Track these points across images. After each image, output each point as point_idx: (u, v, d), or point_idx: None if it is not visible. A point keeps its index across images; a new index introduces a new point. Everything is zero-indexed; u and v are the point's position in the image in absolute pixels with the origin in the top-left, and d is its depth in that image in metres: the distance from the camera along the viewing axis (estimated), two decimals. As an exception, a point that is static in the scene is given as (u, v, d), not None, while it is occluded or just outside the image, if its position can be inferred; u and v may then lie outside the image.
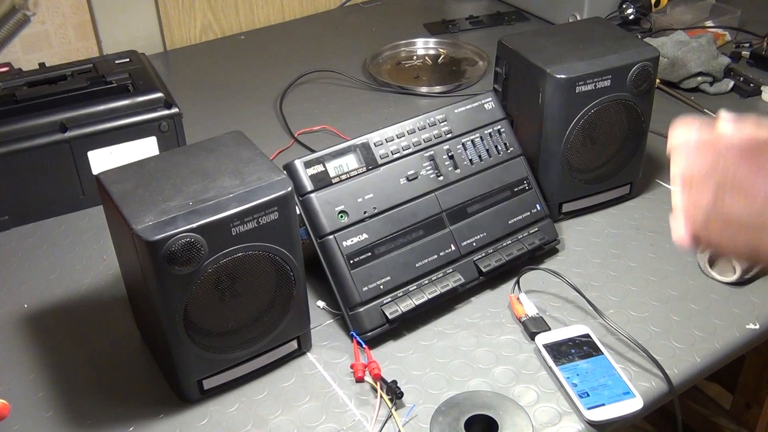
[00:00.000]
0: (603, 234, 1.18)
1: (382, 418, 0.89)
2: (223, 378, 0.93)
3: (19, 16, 0.92)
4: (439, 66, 1.70)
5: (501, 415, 0.88)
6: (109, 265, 1.14)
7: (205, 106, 1.54)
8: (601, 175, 1.19)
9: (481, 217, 1.08)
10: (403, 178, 1.04)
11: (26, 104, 1.21)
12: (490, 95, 1.14)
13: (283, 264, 0.89)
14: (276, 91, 1.58)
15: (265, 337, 0.93)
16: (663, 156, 1.34)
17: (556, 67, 1.10)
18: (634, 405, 0.89)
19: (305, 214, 0.99)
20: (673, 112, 1.47)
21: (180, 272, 0.81)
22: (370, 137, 1.04)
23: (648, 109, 1.18)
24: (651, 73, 1.14)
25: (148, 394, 0.94)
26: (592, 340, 0.97)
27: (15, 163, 1.18)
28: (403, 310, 0.99)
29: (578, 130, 1.13)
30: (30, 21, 0.93)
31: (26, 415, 0.91)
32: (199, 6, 1.79)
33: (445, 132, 1.08)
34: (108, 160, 1.23)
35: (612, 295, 1.06)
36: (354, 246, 0.99)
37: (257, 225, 0.85)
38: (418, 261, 1.02)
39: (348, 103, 1.54)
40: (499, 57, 1.21)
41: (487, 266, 1.05)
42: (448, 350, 0.98)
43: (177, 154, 0.93)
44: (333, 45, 1.80)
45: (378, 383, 0.92)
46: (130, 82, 1.28)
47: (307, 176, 0.98)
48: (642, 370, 0.94)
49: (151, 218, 0.81)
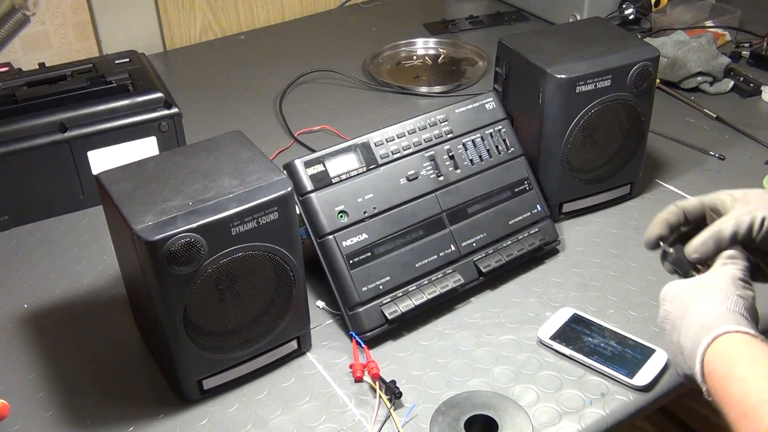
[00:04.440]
0: (603, 234, 1.18)
1: (382, 418, 0.89)
2: (223, 378, 0.93)
3: (18, 16, 0.92)
4: (439, 66, 1.70)
5: (501, 415, 0.88)
6: (109, 265, 1.14)
7: (205, 106, 1.54)
8: (602, 175, 1.19)
9: (482, 217, 1.08)
10: (404, 178, 1.04)
11: (26, 104, 1.21)
12: (491, 95, 1.14)
13: (283, 264, 0.89)
14: (276, 91, 1.58)
15: (265, 337, 0.92)
16: (663, 156, 1.34)
17: (557, 67, 1.10)
18: (663, 357, 0.92)
19: (305, 214, 0.99)
20: (674, 112, 1.47)
21: (180, 272, 0.81)
22: (371, 137, 1.04)
23: (648, 109, 1.18)
24: (651, 73, 1.13)
25: (148, 394, 0.94)
26: (583, 317, 0.99)
27: (15, 163, 1.18)
28: (402, 311, 0.99)
29: (578, 130, 1.13)
30: (30, 21, 0.93)
31: (26, 415, 0.91)
32: (199, 6, 1.79)
33: (445, 132, 1.08)
34: (108, 160, 1.23)
35: (612, 295, 1.06)
36: (354, 246, 0.99)
37: (257, 225, 0.85)
38: (417, 261, 1.02)
39: (348, 103, 1.54)
40: (499, 57, 1.21)
41: (487, 267, 1.05)
42: (447, 350, 0.98)
43: (177, 154, 0.93)
44: (333, 45, 1.80)
45: (377, 383, 0.92)
46: (130, 82, 1.28)
47: (307, 176, 0.98)
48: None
49: (150, 218, 0.81)
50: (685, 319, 0.72)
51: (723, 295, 0.71)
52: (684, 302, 0.73)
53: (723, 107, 1.47)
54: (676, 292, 0.75)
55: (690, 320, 0.71)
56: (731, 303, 0.70)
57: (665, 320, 0.75)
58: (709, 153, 1.35)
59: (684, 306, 0.73)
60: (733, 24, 1.73)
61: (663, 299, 0.76)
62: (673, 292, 0.76)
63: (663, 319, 0.76)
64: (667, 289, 0.77)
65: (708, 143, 1.37)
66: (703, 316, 0.71)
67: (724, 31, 1.71)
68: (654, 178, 1.29)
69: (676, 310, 0.74)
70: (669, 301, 0.75)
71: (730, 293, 0.71)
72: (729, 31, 1.72)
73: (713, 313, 0.70)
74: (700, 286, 0.74)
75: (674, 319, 0.74)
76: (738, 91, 1.53)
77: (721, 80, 1.53)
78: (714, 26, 1.71)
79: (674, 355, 0.74)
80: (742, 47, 1.66)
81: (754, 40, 1.68)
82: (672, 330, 0.74)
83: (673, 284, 0.77)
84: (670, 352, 0.75)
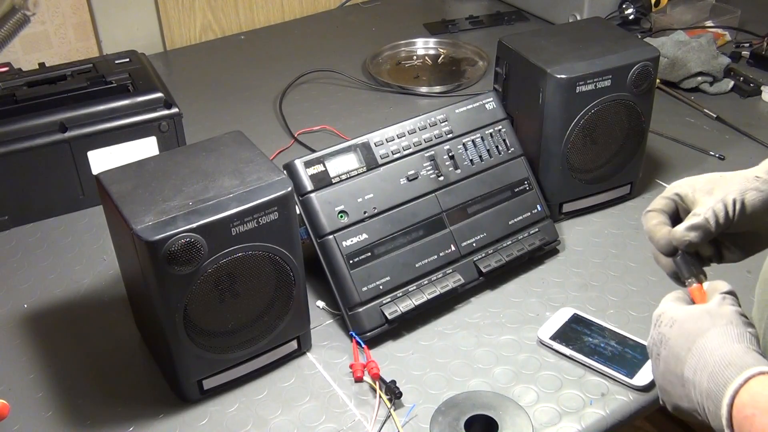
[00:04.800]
0: (603, 234, 1.18)
1: (382, 418, 0.89)
2: (223, 378, 0.93)
3: (18, 16, 0.92)
4: (439, 66, 1.70)
5: (501, 415, 0.88)
6: (109, 265, 1.14)
7: (205, 106, 1.54)
8: (602, 175, 1.19)
9: (482, 217, 1.08)
10: (404, 178, 1.04)
11: (26, 104, 1.21)
12: (492, 95, 1.14)
13: (283, 264, 0.89)
14: (276, 91, 1.58)
15: (265, 337, 0.92)
16: (663, 156, 1.34)
17: (557, 67, 1.10)
18: None
19: (305, 213, 0.99)
20: (674, 112, 1.47)
21: (180, 272, 0.81)
22: (371, 137, 1.04)
23: (648, 109, 1.18)
24: (651, 73, 1.13)
25: (148, 394, 0.94)
26: (583, 317, 0.99)
27: (15, 163, 1.18)
28: (402, 311, 0.99)
29: (578, 130, 1.13)
30: (30, 21, 0.93)
31: (26, 415, 0.91)
32: (199, 6, 1.79)
33: (445, 132, 1.08)
34: (108, 160, 1.23)
35: (612, 295, 1.06)
36: (354, 246, 0.99)
37: (257, 225, 0.85)
38: (417, 261, 1.02)
39: (348, 103, 1.54)
40: (499, 57, 1.21)
41: (487, 267, 1.05)
42: (447, 350, 0.98)
43: (177, 154, 0.93)
44: (333, 45, 1.80)
45: (377, 383, 0.92)
46: (130, 82, 1.28)
47: (307, 176, 0.98)
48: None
49: (151, 218, 0.81)
50: (694, 352, 0.65)
51: (737, 330, 0.65)
52: (689, 332, 0.66)
53: (723, 107, 1.47)
54: (677, 317, 0.68)
55: (702, 355, 0.64)
56: (747, 341, 0.64)
57: (661, 345, 0.68)
58: (709, 153, 1.35)
59: (689, 336, 0.66)
60: (733, 24, 1.73)
61: (658, 321, 0.69)
62: (672, 316, 0.68)
63: (657, 343, 0.68)
64: (664, 311, 0.69)
65: (708, 143, 1.37)
66: (722, 353, 0.63)
67: (724, 31, 1.71)
68: (654, 178, 1.29)
69: (677, 338, 0.67)
70: (666, 326, 0.68)
71: (743, 329, 0.65)
72: (729, 31, 1.72)
73: (733, 350, 0.63)
74: (709, 315, 0.66)
75: (675, 348, 0.66)
76: (738, 91, 1.53)
77: (721, 80, 1.53)
78: (714, 26, 1.71)
79: (671, 386, 0.67)
80: (742, 47, 1.66)
81: (754, 40, 1.68)
82: (671, 360, 0.67)
83: (671, 307, 0.69)
84: (663, 380, 0.68)
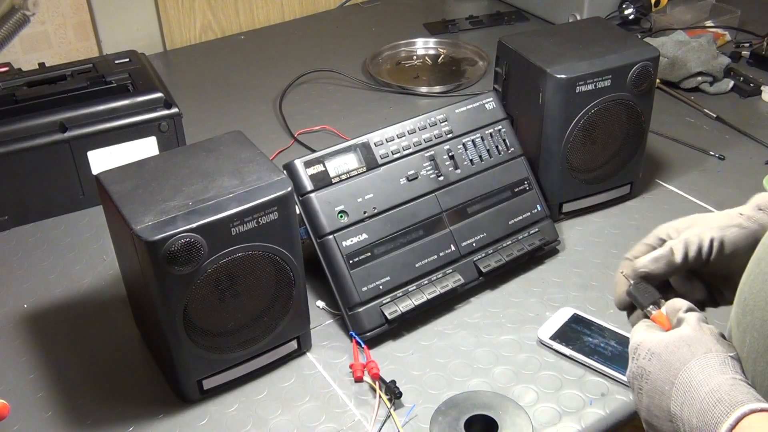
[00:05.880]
0: (603, 234, 1.18)
1: (382, 418, 0.89)
2: (223, 378, 0.93)
3: (18, 16, 0.91)
4: (439, 66, 1.70)
5: (501, 415, 0.88)
6: (109, 265, 1.14)
7: (205, 106, 1.54)
8: (602, 175, 1.19)
9: (482, 217, 1.08)
10: (404, 178, 1.04)
11: (26, 104, 1.21)
12: (491, 95, 1.14)
13: (283, 264, 0.89)
14: (276, 91, 1.58)
15: (264, 337, 0.92)
16: (663, 156, 1.34)
17: (556, 67, 1.10)
18: None
19: (305, 213, 0.99)
20: (674, 112, 1.47)
21: (180, 272, 0.81)
22: (371, 137, 1.04)
23: (648, 109, 1.18)
24: (651, 73, 1.13)
25: (148, 394, 0.94)
26: (583, 317, 0.99)
27: (15, 163, 1.18)
28: (402, 311, 0.99)
29: (578, 130, 1.13)
30: (30, 21, 0.93)
31: (26, 415, 0.91)
32: (199, 6, 1.79)
33: (445, 132, 1.08)
34: (108, 160, 1.23)
35: (612, 295, 1.05)
36: (354, 246, 0.99)
37: (257, 225, 0.85)
38: (417, 261, 1.02)
39: (348, 103, 1.54)
40: (499, 57, 1.21)
41: (487, 267, 1.05)
42: (447, 350, 0.98)
43: (177, 154, 0.93)
44: (333, 45, 1.80)
45: (377, 383, 0.92)
46: (130, 82, 1.28)
47: (307, 176, 0.98)
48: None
49: (150, 218, 0.81)
50: (678, 386, 0.62)
51: (717, 359, 0.62)
52: (669, 364, 0.64)
53: (723, 107, 1.47)
54: (653, 349, 0.65)
55: (688, 390, 0.62)
56: (731, 369, 0.61)
57: (642, 379, 0.65)
58: (709, 153, 1.35)
59: (671, 369, 0.63)
60: (733, 24, 1.73)
61: (636, 354, 0.67)
62: (649, 348, 0.66)
63: (637, 376, 0.66)
64: (640, 342, 0.67)
65: (708, 143, 1.37)
66: (708, 388, 0.61)
67: (724, 31, 1.71)
68: (654, 178, 1.29)
69: (658, 372, 0.64)
70: (645, 359, 0.66)
71: (724, 356, 0.62)
72: (729, 31, 1.72)
73: (719, 385, 0.60)
74: (687, 344, 0.64)
75: (657, 382, 0.64)
76: (738, 91, 1.53)
77: (721, 80, 1.53)
78: (714, 26, 1.71)
79: (658, 420, 0.65)
80: (742, 47, 1.66)
81: (754, 40, 1.68)
82: (655, 394, 0.64)
83: (645, 337, 0.67)
84: (648, 414, 0.65)
